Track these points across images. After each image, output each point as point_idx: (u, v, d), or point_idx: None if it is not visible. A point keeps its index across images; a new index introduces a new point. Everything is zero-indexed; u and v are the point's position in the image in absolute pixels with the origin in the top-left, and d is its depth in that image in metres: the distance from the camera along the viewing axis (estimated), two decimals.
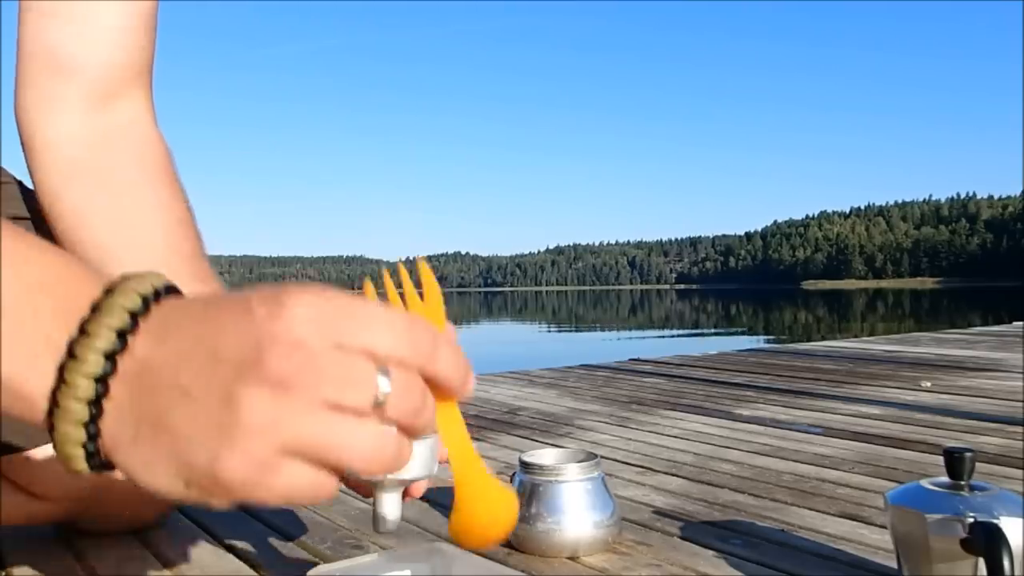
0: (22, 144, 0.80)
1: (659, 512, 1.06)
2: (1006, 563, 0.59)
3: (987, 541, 0.61)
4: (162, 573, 0.85)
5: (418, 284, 0.50)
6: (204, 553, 0.91)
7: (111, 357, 0.36)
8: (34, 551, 0.91)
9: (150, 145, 0.83)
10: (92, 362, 0.36)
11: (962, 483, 0.68)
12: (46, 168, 0.78)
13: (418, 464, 0.57)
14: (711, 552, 0.90)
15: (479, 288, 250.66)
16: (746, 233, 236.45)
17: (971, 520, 0.63)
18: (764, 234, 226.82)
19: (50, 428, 0.37)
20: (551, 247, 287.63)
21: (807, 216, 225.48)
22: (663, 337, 14.16)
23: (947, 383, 2.21)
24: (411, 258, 0.53)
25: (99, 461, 0.38)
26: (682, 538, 0.95)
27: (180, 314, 0.38)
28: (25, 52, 0.79)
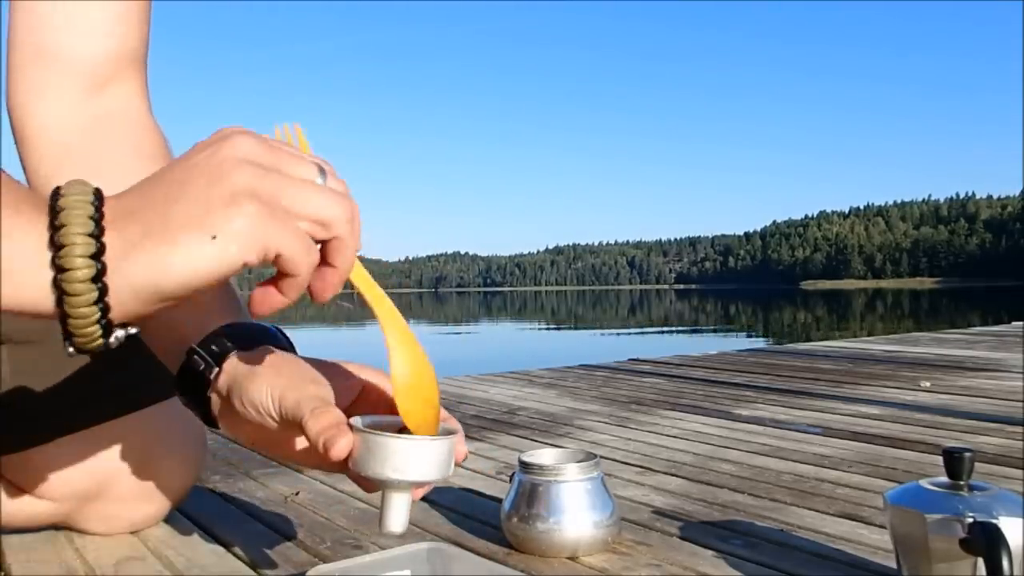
0: (14, 135, 0.79)
1: (659, 512, 1.06)
2: (1005, 563, 0.59)
3: (986, 541, 0.61)
4: (162, 573, 0.85)
5: None
6: (204, 553, 0.91)
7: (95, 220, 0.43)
8: (34, 551, 0.91)
9: (144, 131, 0.82)
10: (75, 223, 0.43)
11: (961, 483, 0.68)
12: (38, 154, 0.77)
13: (433, 467, 0.55)
14: (711, 552, 0.90)
15: (478, 288, 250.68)
16: (745, 233, 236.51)
17: (970, 520, 0.63)
18: (763, 234, 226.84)
19: (62, 309, 0.43)
20: (550, 247, 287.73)
21: (806, 216, 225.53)
22: (662, 334, 14.16)
23: (947, 383, 2.21)
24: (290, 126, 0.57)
25: (110, 322, 0.44)
26: (682, 538, 0.95)
27: (131, 191, 0.46)
28: (15, 41, 0.78)
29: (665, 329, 15.99)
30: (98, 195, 0.45)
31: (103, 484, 0.90)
